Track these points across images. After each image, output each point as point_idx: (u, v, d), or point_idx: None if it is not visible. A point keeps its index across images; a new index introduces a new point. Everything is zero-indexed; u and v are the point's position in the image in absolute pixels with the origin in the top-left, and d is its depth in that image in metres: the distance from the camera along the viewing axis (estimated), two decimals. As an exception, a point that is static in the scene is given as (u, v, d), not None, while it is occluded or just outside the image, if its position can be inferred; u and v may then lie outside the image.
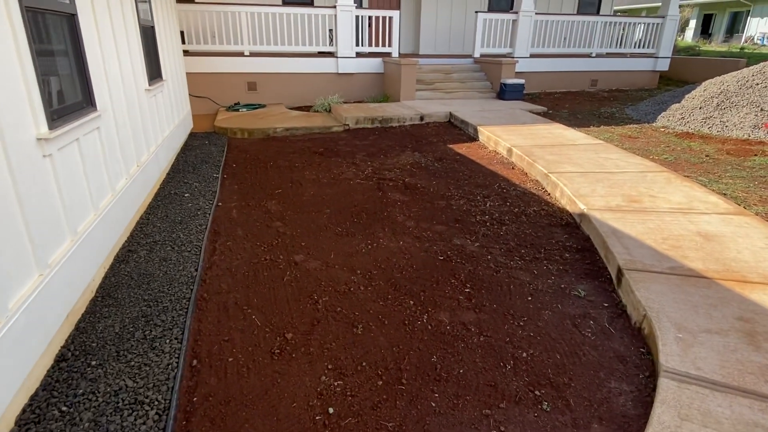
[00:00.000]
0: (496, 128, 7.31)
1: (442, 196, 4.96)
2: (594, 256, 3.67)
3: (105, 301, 2.93)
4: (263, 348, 2.58)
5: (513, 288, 3.21)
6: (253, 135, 7.60)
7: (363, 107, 8.91)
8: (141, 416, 2.05)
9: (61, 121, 2.65)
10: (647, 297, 2.79)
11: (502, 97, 9.98)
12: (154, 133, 5.02)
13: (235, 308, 2.94)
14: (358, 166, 6.05)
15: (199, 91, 9.31)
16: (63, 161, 2.67)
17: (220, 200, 4.82)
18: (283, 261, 3.54)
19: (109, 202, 3.36)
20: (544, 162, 5.54)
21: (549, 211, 4.58)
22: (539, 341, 2.65)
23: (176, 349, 2.50)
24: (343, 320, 2.83)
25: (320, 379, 2.35)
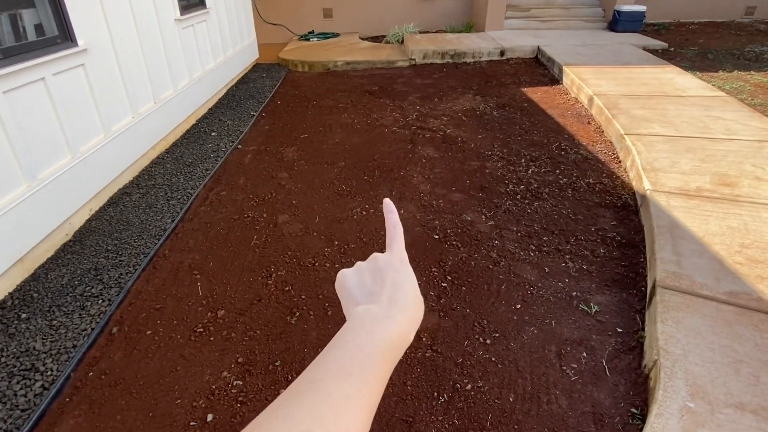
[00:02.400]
0: (585, 69, 6.01)
1: (480, 154, 4.21)
2: (637, 257, 2.81)
3: (73, 248, 2.94)
4: (188, 324, 2.38)
5: (505, 288, 2.58)
6: (312, 68, 7.22)
7: (437, 39, 7.93)
8: (27, 386, 1.99)
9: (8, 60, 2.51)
10: (670, 334, 2.01)
11: (614, 29, 8.20)
12: (188, 69, 4.89)
13: (186, 271, 2.76)
14: (403, 110, 5.41)
15: (274, 18, 9.03)
16: (13, 104, 2.56)
17: (242, 142, 4.62)
18: (264, 220, 3.26)
19: (98, 144, 3.30)
20: (627, 118, 4.40)
21: (608, 185, 3.64)
22: (497, 372, 2.07)
23: (102, 312, 2.40)
24: (286, 303, 2.50)
25: (221, 375, 2.09)
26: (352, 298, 0.44)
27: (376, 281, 0.44)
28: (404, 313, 0.40)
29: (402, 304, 0.41)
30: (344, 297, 0.45)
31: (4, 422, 1.84)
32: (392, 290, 0.42)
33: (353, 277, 0.46)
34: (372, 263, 0.47)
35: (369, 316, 0.39)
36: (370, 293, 0.43)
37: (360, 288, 0.44)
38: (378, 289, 0.43)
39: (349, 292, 0.45)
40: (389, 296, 0.41)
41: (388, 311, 0.40)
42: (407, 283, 0.43)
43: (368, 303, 0.42)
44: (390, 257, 0.47)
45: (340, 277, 0.48)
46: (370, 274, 0.45)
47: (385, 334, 0.37)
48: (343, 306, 0.45)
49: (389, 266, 0.45)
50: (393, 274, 0.44)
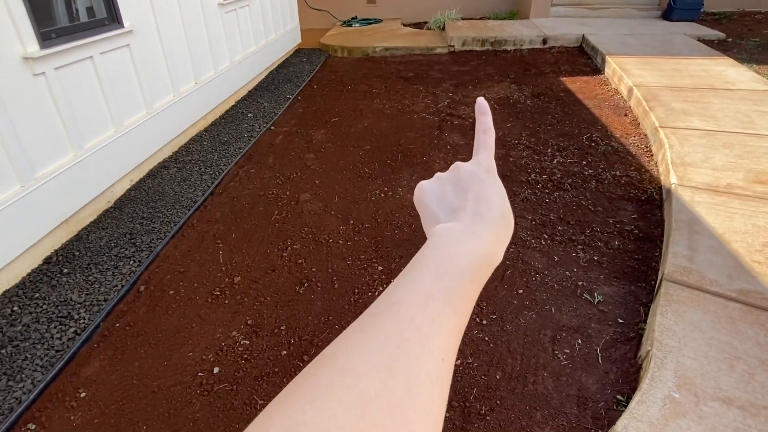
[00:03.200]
0: (629, 59, 5.78)
1: (506, 143, 4.18)
2: (653, 252, 2.76)
3: (113, 213, 3.21)
4: (206, 287, 2.58)
5: (510, 274, 2.61)
6: (351, 54, 7.32)
7: (478, 25, 7.82)
8: (62, 331, 2.24)
9: (61, 39, 2.77)
10: (667, 327, 1.99)
11: (669, 17, 7.77)
12: (229, 51, 5.11)
13: (210, 240, 2.97)
14: (436, 97, 5.42)
15: (318, 4, 9.18)
16: (63, 80, 2.82)
17: (275, 124, 4.81)
18: (286, 198, 3.42)
19: (141, 119, 3.56)
20: (665, 111, 4.23)
21: (634, 179, 3.54)
22: (489, 351, 2.13)
23: (132, 272, 2.64)
24: (297, 274, 2.65)
25: (230, 334, 2.26)
26: (431, 215, 0.40)
27: (458, 194, 0.39)
28: (491, 229, 0.36)
29: (489, 218, 0.36)
30: (424, 213, 0.41)
31: (41, 359, 2.09)
32: (477, 204, 0.38)
33: (433, 190, 0.42)
34: (454, 173, 0.42)
35: (451, 234, 0.35)
36: (452, 209, 0.38)
37: (441, 202, 0.40)
38: (461, 203, 0.38)
39: (428, 208, 0.40)
40: (473, 211, 0.37)
41: (472, 228, 0.35)
42: (494, 195, 0.39)
43: (450, 220, 0.37)
44: (475, 166, 0.42)
45: (417, 192, 0.43)
46: (452, 187, 0.41)
47: (469, 252, 0.33)
48: (423, 223, 0.41)
49: (473, 177, 0.40)
50: (477, 185, 0.39)
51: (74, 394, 1.97)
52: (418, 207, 0.42)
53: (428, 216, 0.40)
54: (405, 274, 0.32)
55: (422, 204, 0.42)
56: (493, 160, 0.43)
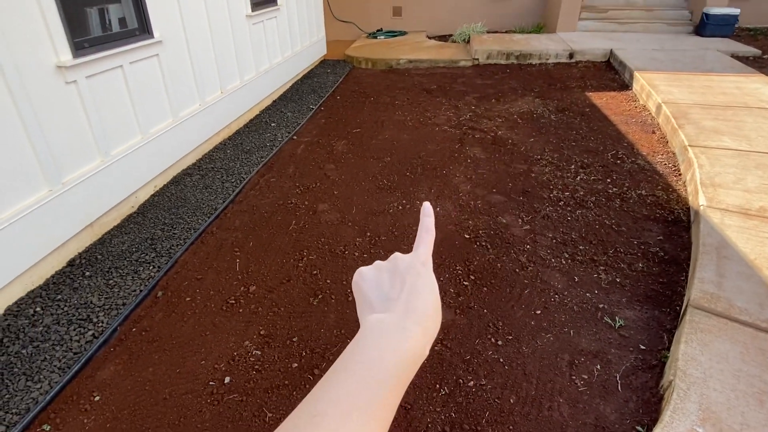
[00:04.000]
0: (658, 75, 5.65)
1: (528, 158, 4.12)
2: (679, 276, 2.66)
3: (136, 218, 3.28)
4: (222, 295, 2.59)
5: (528, 293, 2.55)
6: (375, 66, 7.38)
7: (504, 39, 7.78)
8: (81, 333, 2.28)
9: (93, 49, 2.86)
10: (691, 356, 1.91)
11: (701, 33, 7.59)
12: (255, 62, 5.21)
13: (228, 248, 3.00)
14: (458, 110, 5.40)
15: (344, 16, 9.31)
16: (94, 88, 2.91)
17: (298, 134, 4.86)
18: (305, 207, 3.44)
19: (167, 127, 3.64)
20: (695, 129, 4.11)
21: (661, 198, 3.44)
22: (503, 373, 2.07)
23: (151, 277, 2.68)
24: (312, 285, 2.65)
25: (243, 343, 2.27)
26: (366, 302, 0.41)
27: (394, 284, 0.41)
28: (421, 324, 0.37)
29: (420, 313, 0.38)
30: (359, 299, 0.43)
31: (59, 361, 2.13)
32: (410, 296, 0.39)
33: (371, 276, 0.43)
34: (392, 263, 0.43)
35: (381, 329, 0.36)
36: (386, 298, 0.40)
37: (377, 290, 0.41)
38: (395, 294, 0.40)
39: (365, 294, 0.42)
40: (406, 303, 0.38)
41: (403, 322, 0.36)
42: (427, 290, 0.40)
43: (383, 309, 0.39)
44: (413, 259, 0.43)
45: (356, 277, 0.44)
46: (389, 276, 0.42)
47: (397, 352, 0.34)
48: (358, 309, 0.42)
49: (410, 269, 0.41)
50: (413, 278, 0.41)
51: (89, 397, 2.00)
52: (355, 292, 0.44)
53: (364, 302, 0.41)
54: (331, 375, 0.33)
55: (359, 289, 0.43)
56: (431, 257, 0.44)
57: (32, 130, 2.51)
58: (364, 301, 0.41)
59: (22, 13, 2.43)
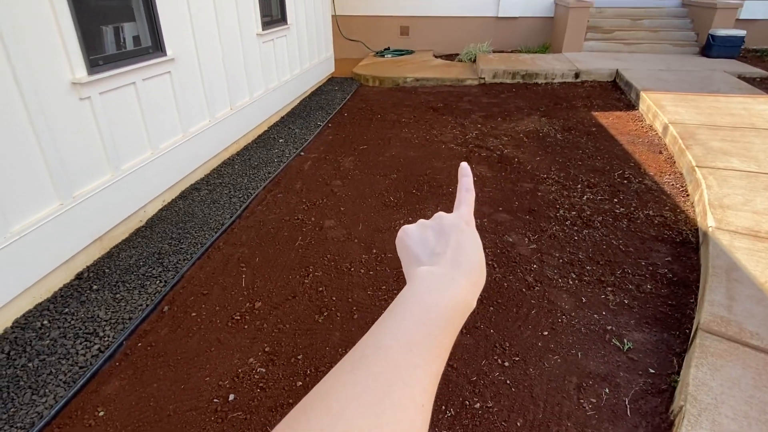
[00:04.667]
0: (665, 95, 5.67)
1: (534, 177, 4.13)
2: (688, 298, 2.63)
3: (144, 233, 3.30)
4: (228, 311, 2.59)
5: (535, 314, 2.53)
6: (383, 84, 7.46)
7: (510, 58, 7.86)
8: (87, 347, 2.29)
9: (107, 66, 2.92)
10: (702, 381, 1.88)
11: (707, 54, 7.64)
12: (264, 79, 5.29)
13: (234, 263, 3.00)
14: (464, 128, 5.44)
15: (353, 35, 9.45)
16: (107, 104, 2.96)
17: (305, 150, 4.90)
18: (311, 223, 3.45)
19: (176, 143, 3.69)
20: (702, 150, 4.11)
21: (669, 219, 3.43)
22: (510, 395, 2.04)
23: (158, 291, 2.69)
24: (317, 302, 2.64)
25: (248, 360, 2.26)
26: (413, 257, 0.42)
27: (439, 241, 0.42)
28: (468, 277, 0.38)
29: (466, 267, 0.39)
30: (405, 255, 0.44)
31: (65, 375, 2.13)
32: (456, 252, 0.40)
33: (416, 233, 0.44)
34: (437, 221, 0.45)
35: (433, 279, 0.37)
36: (433, 253, 0.41)
37: (423, 246, 0.43)
38: (441, 249, 0.41)
39: (411, 250, 0.43)
40: (453, 258, 0.40)
41: (452, 274, 0.38)
42: (472, 245, 0.42)
43: (431, 263, 0.40)
44: (456, 218, 0.44)
45: (401, 234, 0.46)
46: (434, 233, 0.43)
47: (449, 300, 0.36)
48: (404, 265, 0.43)
49: (454, 227, 0.43)
50: (458, 235, 0.42)
51: (93, 412, 1.99)
52: (401, 248, 0.45)
53: (411, 257, 0.43)
54: (389, 315, 0.34)
55: (405, 245, 0.44)
56: (473, 215, 0.46)
57: (46, 144, 2.55)
58: (411, 256, 0.42)
59: (41, 31, 2.49)
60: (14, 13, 2.34)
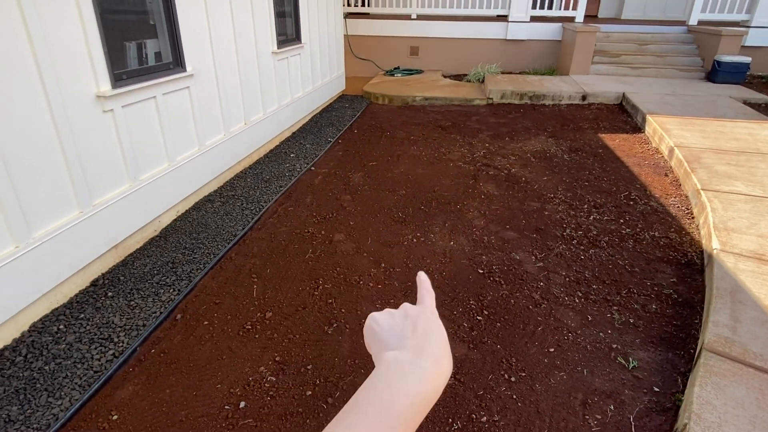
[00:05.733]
0: (671, 119, 5.75)
1: (542, 196, 4.19)
2: (692, 319, 2.66)
3: (158, 242, 3.38)
4: (239, 320, 2.65)
5: (541, 330, 2.57)
6: (392, 102, 7.60)
7: (518, 80, 8.00)
8: (102, 352, 2.34)
9: (130, 80, 3.04)
10: (706, 400, 1.90)
11: (713, 79, 7.74)
12: (278, 96, 5.43)
13: (246, 274, 3.07)
14: (472, 147, 5.53)
15: (363, 54, 9.66)
16: (128, 116, 3.07)
17: (315, 165, 5.00)
18: (321, 237, 3.52)
19: (192, 155, 3.79)
20: (707, 173, 4.16)
21: (674, 241, 3.47)
22: (516, 409, 2.07)
23: (171, 300, 2.75)
24: (327, 314, 2.69)
25: (258, 369, 2.30)
26: (383, 343, 0.44)
27: (406, 327, 0.44)
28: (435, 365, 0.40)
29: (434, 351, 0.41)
30: (375, 341, 0.45)
31: (80, 378, 2.18)
32: (423, 337, 0.42)
33: (385, 321, 0.46)
34: (403, 311, 0.47)
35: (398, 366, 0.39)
36: (402, 337, 0.43)
37: (391, 331, 0.44)
38: (409, 333, 0.43)
39: (380, 336, 0.45)
40: (420, 343, 0.41)
41: (419, 361, 0.39)
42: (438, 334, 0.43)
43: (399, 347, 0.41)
44: (422, 308, 0.47)
45: (370, 321, 0.48)
46: (401, 320, 0.45)
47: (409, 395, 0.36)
48: (373, 351, 0.45)
49: (421, 315, 0.45)
50: (425, 322, 0.44)
51: (107, 416, 2.04)
52: (370, 335, 0.47)
53: (380, 342, 0.45)
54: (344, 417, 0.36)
55: (374, 332, 0.46)
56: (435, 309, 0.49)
57: (70, 154, 2.65)
58: (380, 342, 0.45)
59: (70, 46, 2.61)
60: (48, 31, 2.46)
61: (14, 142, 2.34)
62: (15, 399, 2.07)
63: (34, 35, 2.38)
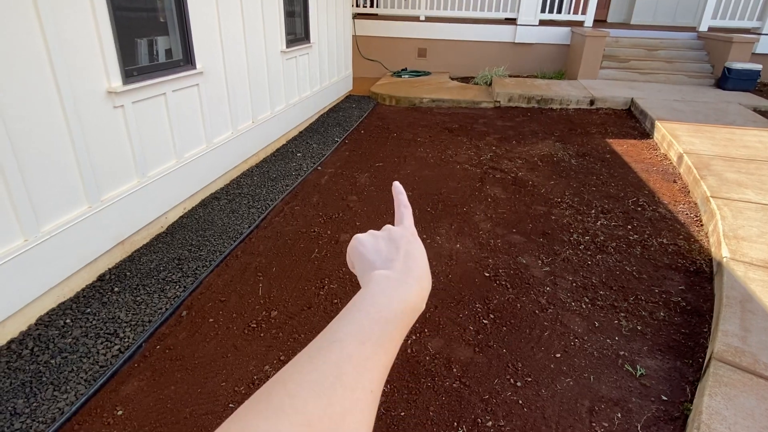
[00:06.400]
0: (680, 126, 5.72)
1: (549, 200, 4.17)
2: (701, 327, 2.64)
3: (165, 238, 3.38)
4: (245, 318, 2.64)
5: (548, 335, 2.55)
6: (399, 103, 7.60)
7: (525, 83, 7.98)
8: (108, 347, 2.34)
9: (141, 77, 3.04)
10: (716, 410, 1.88)
11: (723, 86, 7.69)
12: (286, 95, 5.43)
13: (252, 272, 3.06)
14: (479, 149, 5.52)
15: (371, 55, 9.66)
16: (138, 113, 3.08)
17: (322, 165, 5.00)
18: (327, 236, 3.52)
19: (200, 153, 3.80)
20: (717, 181, 4.13)
21: (682, 248, 3.44)
22: (522, 415, 2.06)
23: (177, 296, 2.75)
24: (332, 314, 2.68)
25: (263, 368, 2.30)
26: (368, 263, 0.46)
27: (390, 249, 0.46)
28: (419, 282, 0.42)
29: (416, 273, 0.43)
30: (360, 261, 0.47)
31: (86, 373, 2.18)
32: (407, 259, 0.44)
33: (369, 242, 0.48)
34: (386, 232, 0.49)
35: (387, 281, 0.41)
36: (387, 259, 0.45)
37: (376, 253, 0.46)
38: (393, 255, 0.45)
39: (365, 256, 0.47)
40: (404, 264, 0.43)
41: (405, 278, 0.42)
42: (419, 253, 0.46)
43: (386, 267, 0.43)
44: (403, 230, 0.49)
45: (354, 242, 0.50)
46: (385, 242, 0.48)
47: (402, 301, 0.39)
48: (358, 271, 0.47)
49: (403, 237, 0.48)
50: (407, 245, 0.46)
51: (112, 411, 2.04)
52: (354, 255, 0.49)
53: (365, 263, 0.46)
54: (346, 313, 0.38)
55: (359, 253, 0.48)
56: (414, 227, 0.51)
57: (80, 149, 2.65)
58: (365, 262, 0.46)
59: (83, 42, 2.62)
60: (61, 26, 2.47)
61: (26, 136, 2.34)
62: (21, 392, 2.07)
63: (48, 31, 2.38)
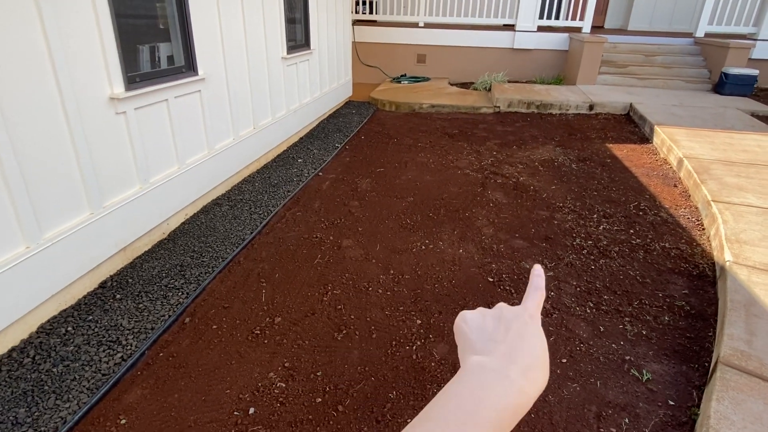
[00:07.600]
0: (679, 130, 5.74)
1: (551, 205, 4.18)
2: (706, 331, 2.63)
3: (167, 245, 3.37)
4: (248, 325, 2.63)
5: (553, 341, 2.54)
6: (399, 109, 7.62)
7: (524, 88, 8.01)
8: (110, 355, 2.32)
9: (143, 83, 3.04)
10: (724, 414, 1.87)
11: (720, 91, 7.74)
12: (286, 101, 5.44)
13: (254, 278, 3.05)
14: (480, 155, 5.52)
15: (370, 61, 9.70)
16: (140, 119, 3.08)
17: (323, 170, 5.00)
18: (329, 242, 3.51)
19: (202, 159, 3.79)
20: (717, 185, 4.14)
21: (685, 252, 3.44)
22: (529, 420, 2.04)
23: (180, 303, 2.73)
24: (336, 320, 2.67)
25: (268, 375, 2.28)
26: (468, 342, 0.41)
27: (497, 329, 0.40)
28: (526, 374, 0.36)
29: (525, 361, 0.37)
30: (461, 340, 0.42)
31: (88, 381, 2.16)
32: (515, 343, 0.38)
33: (474, 319, 0.43)
34: (497, 310, 0.43)
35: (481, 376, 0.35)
36: (489, 339, 0.39)
37: (479, 332, 0.41)
38: (500, 336, 0.39)
39: (467, 336, 0.42)
40: (510, 349, 0.38)
41: (506, 370, 0.36)
42: (535, 339, 0.39)
43: (487, 350, 0.38)
44: (520, 310, 0.43)
45: (459, 318, 0.45)
46: (494, 321, 0.42)
47: (495, 408, 0.33)
48: (459, 350, 0.42)
49: (517, 318, 0.41)
50: (520, 325, 0.40)
51: (115, 420, 2.01)
52: (457, 334, 0.44)
53: (465, 343, 0.41)
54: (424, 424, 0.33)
55: (462, 331, 0.43)
56: (539, 313, 0.44)
57: (82, 155, 2.65)
58: (466, 343, 0.41)
59: (86, 48, 2.62)
60: (65, 32, 2.47)
61: (29, 142, 2.34)
62: (23, 401, 2.05)
63: (51, 37, 2.38)
